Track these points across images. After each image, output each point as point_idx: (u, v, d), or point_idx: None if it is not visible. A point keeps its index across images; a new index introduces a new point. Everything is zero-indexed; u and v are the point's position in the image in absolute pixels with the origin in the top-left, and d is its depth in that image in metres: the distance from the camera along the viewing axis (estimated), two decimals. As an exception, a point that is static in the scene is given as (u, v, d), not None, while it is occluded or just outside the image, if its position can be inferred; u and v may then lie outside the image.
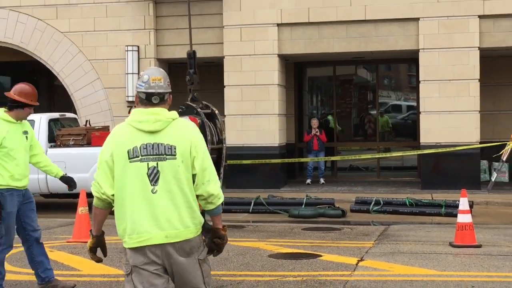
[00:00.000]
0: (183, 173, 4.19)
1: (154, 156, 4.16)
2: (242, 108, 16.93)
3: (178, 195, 4.18)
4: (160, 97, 4.28)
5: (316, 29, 16.75)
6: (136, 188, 4.15)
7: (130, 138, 4.20)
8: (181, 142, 4.21)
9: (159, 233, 4.12)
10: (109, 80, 17.57)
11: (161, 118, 4.22)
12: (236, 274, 7.88)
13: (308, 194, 14.11)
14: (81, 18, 17.73)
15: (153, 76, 4.28)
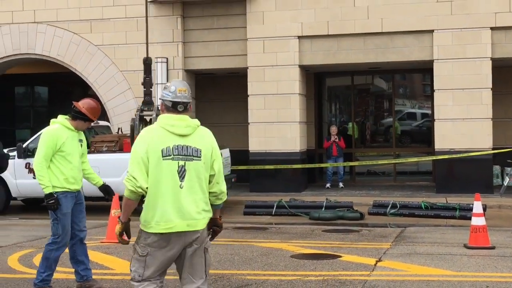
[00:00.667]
0: (203, 173, 4.65)
1: (183, 156, 4.59)
2: (265, 116, 16.92)
3: (198, 191, 4.63)
4: (184, 106, 4.71)
5: (335, 41, 16.71)
6: (168, 183, 4.55)
7: (163, 139, 4.58)
8: (205, 146, 4.68)
9: (182, 223, 4.55)
10: (140, 90, 17.58)
11: (190, 124, 4.67)
12: (260, 274, 7.85)
13: (328, 198, 14.08)
14: (113, 32, 17.85)
15: (179, 88, 4.70)
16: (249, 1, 17.01)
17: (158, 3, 17.47)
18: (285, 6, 16.84)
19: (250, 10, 17.03)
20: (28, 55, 18.63)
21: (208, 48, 17.52)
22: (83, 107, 7.01)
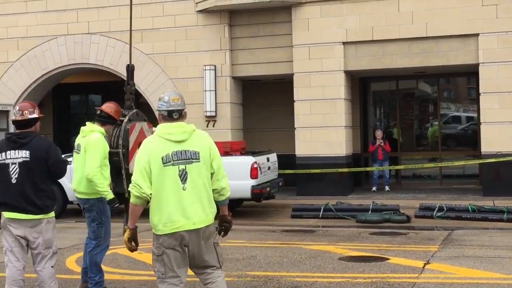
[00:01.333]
0: (205, 172, 4.92)
1: (183, 160, 4.86)
2: (311, 121, 16.87)
3: (202, 190, 4.91)
4: (179, 113, 4.97)
5: (379, 46, 16.56)
6: (171, 187, 4.82)
7: (162, 147, 4.86)
8: (202, 148, 4.94)
9: (188, 222, 4.81)
10: (189, 97, 17.75)
11: (186, 130, 4.94)
12: (309, 276, 7.83)
13: (374, 201, 13.93)
14: (163, 41, 18.06)
15: (172, 97, 5.00)
16: (295, 9, 17.00)
17: (206, 12, 17.61)
18: (330, 13, 16.78)
19: (295, 17, 17.02)
20: (82, 64, 18.99)
21: (255, 55, 17.57)
22: (111, 111, 7.17)
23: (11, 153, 5.92)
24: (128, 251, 5.23)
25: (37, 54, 19.09)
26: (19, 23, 19.21)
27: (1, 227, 6.02)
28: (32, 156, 5.92)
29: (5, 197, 5.92)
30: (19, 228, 5.92)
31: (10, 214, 5.91)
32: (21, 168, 5.90)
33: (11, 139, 5.97)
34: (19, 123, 6.02)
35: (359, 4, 16.59)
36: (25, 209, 5.89)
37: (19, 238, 5.95)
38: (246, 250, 9.62)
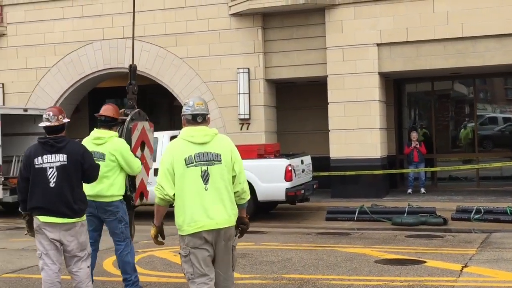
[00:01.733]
0: (226, 174, 5.05)
1: (205, 162, 5.01)
2: (345, 123, 16.77)
3: (223, 192, 5.03)
4: (203, 117, 5.14)
5: (414, 47, 16.39)
6: (193, 187, 4.97)
7: (185, 149, 5.03)
8: (224, 151, 5.08)
9: (211, 221, 4.94)
10: (223, 100, 17.86)
11: (208, 133, 5.10)
12: (345, 279, 7.76)
13: (410, 203, 13.79)
14: (197, 45, 18.15)
15: (197, 102, 5.16)
16: (328, 11, 16.93)
17: (239, 15, 17.65)
18: (363, 14, 16.67)
19: (329, 19, 16.95)
20: (117, 69, 19.19)
21: (288, 58, 17.54)
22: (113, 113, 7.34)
23: (48, 157, 6.00)
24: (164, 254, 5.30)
25: (74, 59, 19.37)
26: (56, 29, 19.51)
27: (35, 231, 6.08)
28: (69, 160, 6.02)
29: (43, 201, 5.98)
30: (54, 231, 6.00)
31: (46, 218, 5.98)
32: (59, 171, 5.99)
33: (48, 143, 6.05)
34: (54, 128, 6.09)
35: (393, 5, 16.44)
36: (62, 213, 5.98)
37: (54, 241, 6.02)
38: (281, 253, 9.59)
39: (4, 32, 19.99)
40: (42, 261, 6.04)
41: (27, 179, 5.99)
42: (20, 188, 6.08)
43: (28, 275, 8.23)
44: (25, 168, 6.03)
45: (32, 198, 6.00)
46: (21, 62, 19.89)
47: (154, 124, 7.77)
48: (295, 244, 10.47)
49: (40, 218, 5.99)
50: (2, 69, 20.03)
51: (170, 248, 10.16)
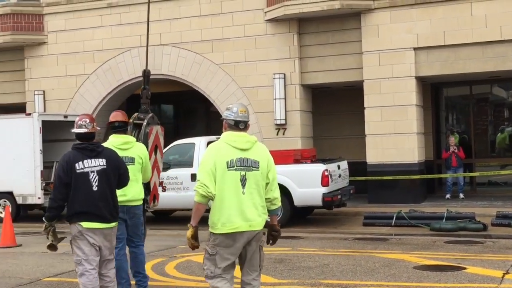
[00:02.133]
0: (261, 181, 5.29)
1: (245, 167, 5.22)
2: (381, 128, 16.64)
3: (256, 197, 5.25)
4: (244, 124, 5.33)
5: (452, 51, 16.19)
6: (232, 190, 5.17)
7: (227, 153, 5.22)
8: (262, 159, 5.32)
9: (245, 224, 5.16)
10: (259, 105, 17.89)
11: (249, 139, 5.30)
12: (383, 285, 7.69)
13: (449, 209, 13.58)
14: (233, 51, 18.22)
15: (240, 108, 5.33)
16: (364, 15, 16.84)
17: (275, 21, 17.66)
18: (400, 18, 16.53)
19: (365, 24, 16.86)
20: (155, 75, 19.28)
21: (324, 63, 17.48)
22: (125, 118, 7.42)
23: (88, 161, 6.09)
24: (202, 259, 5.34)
25: (112, 66, 19.62)
26: (95, 36, 19.80)
27: (75, 237, 6.09)
28: (108, 164, 6.17)
29: (87, 206, 6.02)
30: (96, 237, 6.07)
31: (90, 224, 6.04)
32: (100, 175, 6.09)
33: (88, 148, 6.15)
34: (91, 135, 6.23)
35: (430, 9, 16.27)
36: (104, 218, 6.08)
37: (95, 246, 6.09)
38: (318, 258, 9.55)
39: (44, 40, 20.36)
40: (82, 267, 6.06)
41: (68, 185, 6.02)
42: (58, 194, 6.04)
43: (70, 279, 8.34)
44: (65, 173, 6.02)
45: (74, 203, 6.04)
46: (61, 70, 20.23)
47: (191, 129, 7.83)
48: (333, 249, 10.41)
49: (84, 224, 6.03)
50: (43, 77, 20.40)
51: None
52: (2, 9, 20.23)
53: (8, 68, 21.28)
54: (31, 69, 20.59)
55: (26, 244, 12.00)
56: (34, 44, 20.42)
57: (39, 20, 20.38)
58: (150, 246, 11.14)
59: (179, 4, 18.81)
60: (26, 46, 20.52)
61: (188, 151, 14.69)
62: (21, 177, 16.05)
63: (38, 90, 20.33)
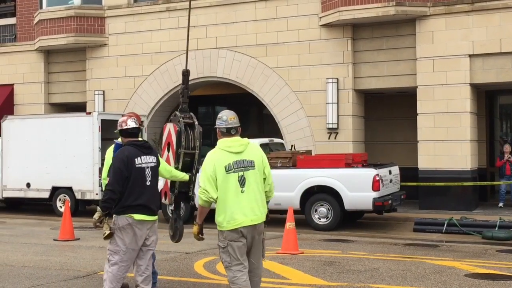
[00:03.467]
0: (259, 178, 5.78)
1: (242, 168, 5.70)
2: (434, 135, 16.35)
3: (257, 193, 5.74)
4: (235, 130, 5.79)
5: (508, 58, 15.79)
6: (233, 190, 5.65)
7: (224, 158, 5.69)
8: (257, 158, 5.80)
9: (246, 219, 5.65)
10: (311, 109, 17.82)
11: (242, 143, 5.77)
12: (434, 291, 7.53)
13: (502, 217, 13.24)
14: (287, 55, 18.20)
15: (230, 116, 5.79)
16: (419, 21, 16.58)
17: (329, 26, 17.57)
18: (455, 25, 16.22)
19: (419, 30, 16.60)
20: (210, 78, 19.53)
21: (378, 68, 17.30)
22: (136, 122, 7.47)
23: (144, 158, 6.44)
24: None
25: (169, 68, 19.86)
26: (153, 39, 20.08)
27: (122, 228, 6.30)
28: (157, 161, 6.61)
29: (142, 199, 6.33)
30: (143, 229, 6.37)
31: (141, 216, 6.33)
32: (152, 171, 6.47)
33: (145, 145, 6.53)
34: (138, 131, 6.61)
35: (486, 16, 15.91)
36: (152, 210, 6.43)
37: (137, 239, 6.36)
38: (368, 262, 9.43)
39: (106, 42, 20.77)
40: (119, 257, 6.32)
41: (127, 178, 6.28)
42: (118, 187, 6.23)
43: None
44: (126, 167, 6.27)
45: (130, 196, 6.29)
46: (121, 71, 20.60)
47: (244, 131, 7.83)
48: (382, 254, 10.27)
49: (135, 217, 6.29)
50: (103, 77, 20.81)
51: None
52: (66, 12, 20.74)
53: (71, 69, 21.79)
54: (92, 69, 21.03)
55: (84, 238, 12.25)
56: (95, 46, 20.86)
57: (100, 22, 20.80)
58: (201, 243, 11.22)
59: (235, 8, 18.90)
60: (88, 48, 20.98)
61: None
62: (80, 173, 16.42)
63: (98, 90, 20.74)
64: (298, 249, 10.31)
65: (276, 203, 13.95)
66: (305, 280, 8.17)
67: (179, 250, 10.37)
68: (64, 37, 20.75)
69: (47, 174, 16.93)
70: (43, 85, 22.03)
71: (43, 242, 11.94)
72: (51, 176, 16.85)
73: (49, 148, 16.84)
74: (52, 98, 22.18)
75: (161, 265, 9.34)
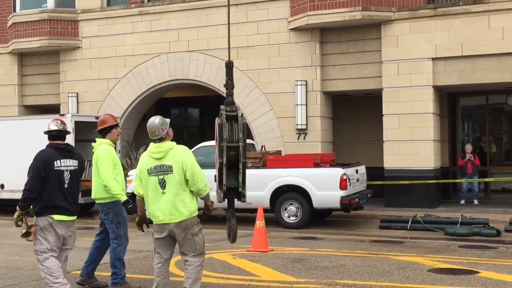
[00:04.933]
0: (178, 181, 6.20)
1: (162, 172, 6.26)
2: (399, 135, 16.50)
3: (175, 194, 6.20)
4: (159, 139, 6.37)
5: (469, 61, 16.00)
6: (153, 191, 6.28)
7: (148, 162, 6.36)
8: (175, 163, 6.23)
9: (165, 217, 6.23)
10: (281, 111, 17.84)
11: (162, 150, 6.32)
12: (398, 286, 7.60)
13: (463, 214, 13.41)
14: (257, 58, 18.20)
15: (151, 130, 6.38)
16: (384, 26, 16.72)
17: (298, 30, 17.61)
18: (419, 29, 16.39)
19: (385, 34, 16.74)
20: (182, 80, 19.43)
21: (345, 71, 17.39)
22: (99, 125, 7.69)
23: (64, 161, 6.57)
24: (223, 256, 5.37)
25: (142, 70, 19.72)
26: (126, 42, 19.91)
27: (43, 228, 6.45)
28: (79, 165, 6.74)
29: (60, 200, 6.47)
30: (62, 228, 6.54)
31: (59, 217, 6.50)
32: (71, 175, 6.64)
33: (66, 149, 6.66)
34: (61, 134, 6.74)
35: (448, 20, 16.11)
36: (70, 211, 6.56)
37: (61, 237, 6.59)
38: (335, 259, 9.47)
39: (79, 45, 20.54)
40: (46, 255, 6.46)
41: (44, 179, 6.43)
42: (36, 186, 6.42)
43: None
44: (44, 168, 6.44)
45: (49, 198, 6.45)
46: (94, 73, 20.39)
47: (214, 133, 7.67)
48: (349, 250, 10.33)
49: (55, 217, 6.46)
50: (77, 80, 20.57)
51: (229, 251, 10.19)
52: (39, 15, 20.45)
53: (45, 71, 21.51)
54: (65, 72, 20.78)
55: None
56: (69, 49, 20.61)
57: (74, 26, 20.56)
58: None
59: (207, 12, 18.84)
60: (62, 51, 20.72)
61: (212, 153, 14.58)
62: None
63: (72, 92, 20.50)
64: (268, 247, 10.31)
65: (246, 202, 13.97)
66: (274, 277, 8.17)
67: (151, 249, 10.26)
68: (38, 40, 20.46)
69: (21, 175, 16.56)
70: (17, 88, 21.71)
71: (16, 242, 11.74)
72: (25, 177, 16.51)
73: (23, 149, 16.57)
74: (26, 100, 21.87)
75: (133, 263, 9.27)
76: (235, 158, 7.16)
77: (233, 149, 7.11)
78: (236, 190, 7.20)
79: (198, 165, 6.35)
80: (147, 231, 7.21)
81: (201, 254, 6.39)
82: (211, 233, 12.30)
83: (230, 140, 7.11)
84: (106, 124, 7.69)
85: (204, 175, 6.38)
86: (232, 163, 7.15)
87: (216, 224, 13.24)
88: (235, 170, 7.13)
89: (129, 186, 14.69)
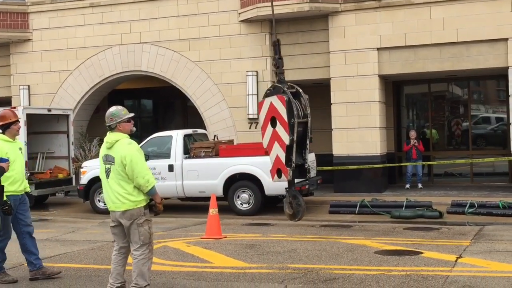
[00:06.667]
0: (120, 172, 6.21)
1: (108, 162, 6.33)
2: (347, 123, 16.71)
3: (118, 184, 6.23)
4: (111, 128, 6.38)
5: (412, 51, 16.30)
6: (103, 178, 6.38)
7: (103, 150, 6.44)
8: (117, 155, 6.24)
9: (112, 205, 6.30)
10: (233, 101, 17.83)
11: (109, 140, 6.34)
12: (346, 268, 7.72)
13: (408, 198, 13.72)
14: (209, 49, 18.11)
15: (108, 117, 6.38)
16: (331, 17, 16.86)
17: (248, 22, 17.60)
18: (364, 21, 16.59)
19: (332, 26, 16.89)
20: (135, 71, 19.20)
21: (294, 61, 17.47)
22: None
23: None
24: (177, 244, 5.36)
25: (94, 62, 19.38)
26: (78, 34, 19.52)
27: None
28: None
29: None
30: None
31: None
32: None
33: None
34: None
35: (392, 12, 16.36)
36: None
37: None
38: (287, 244, 9.56)
39: (29, 37, 20.03)
40: None
41: None
42: None
43: (51, 264, 8.23)
44: None
45: None
46: (46, 66, 19.93)
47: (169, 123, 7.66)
48: (300, 235, 10.43)
49: None
50: (28, 72, 20.08)
51: (183, 239, 10.17)
52: (-12, 8, 19.86)
53: (-5, 64, 20.93)
54: (16, 64, 20.25)
55: (10, 231, 11.78)
56: (19, 41, 20.08)
57: (24, 18, 20.04)
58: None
59: (158, 4, 18.63)
60: (12, 43, 20.17)
61: (166, 143, 14.61)
62: (6, 167, 15.77)
63: (23, 85, 20.00)
64: (221, 234, 10.32)
65: (200, 190, 13.97)
66: (227, 263, 8.20)
67: (106, 239, 10.18)
68: (-13, 32, 19.88)
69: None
70: (-33, 81, 21.05)
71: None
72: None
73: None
74: (-23, 93, 21.24)
75: (88, 254, 9.15)
76: (303, 133, 6.96)
77: (302, 124, 6.93)
78: (302, 166, 6.93)
79: (141, 160, 6.17)
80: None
81: (145, 245, 6.20)
82: (165, 222, 12.24)
83: (298, 116, 6.83)
84: (6, 120, 7.51)
85: (147, 171, 6.18)
86: (299, 139, 6.93)
87: (170, 213, 13.18)
88: (301, 148, 6.89)
89: (83, 177, 14.51)
